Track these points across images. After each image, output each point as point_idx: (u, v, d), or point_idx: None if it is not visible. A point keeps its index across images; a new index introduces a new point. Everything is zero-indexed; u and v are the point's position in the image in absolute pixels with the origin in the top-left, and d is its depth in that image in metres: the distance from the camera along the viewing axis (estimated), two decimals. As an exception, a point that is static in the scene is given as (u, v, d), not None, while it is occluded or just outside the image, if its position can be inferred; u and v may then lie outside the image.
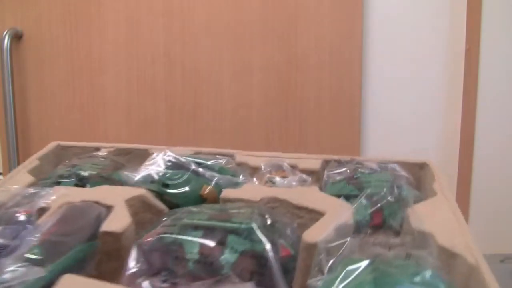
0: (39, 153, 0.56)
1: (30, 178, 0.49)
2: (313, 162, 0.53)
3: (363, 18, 0.94)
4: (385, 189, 0.43)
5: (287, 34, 0.97)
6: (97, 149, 0.58)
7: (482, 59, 0.91)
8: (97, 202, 0.40)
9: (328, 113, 0.97)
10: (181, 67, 1.03)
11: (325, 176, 0.50)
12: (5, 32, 1.06)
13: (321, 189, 0.47)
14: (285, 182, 0.42)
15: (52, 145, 0.58)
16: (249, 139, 1.01)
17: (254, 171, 0.52)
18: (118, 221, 0.36)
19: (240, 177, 0.48)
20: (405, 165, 0.51)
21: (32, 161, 0.53)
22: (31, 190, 0.43)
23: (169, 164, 0.46)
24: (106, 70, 1.06)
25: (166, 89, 1.04)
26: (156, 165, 0.46)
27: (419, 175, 0.53)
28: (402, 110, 0.97)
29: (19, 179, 0.48)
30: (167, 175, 0.45)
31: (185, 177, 0.44)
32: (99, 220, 0.36)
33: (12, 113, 1.07)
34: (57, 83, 1.09)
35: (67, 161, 0.54)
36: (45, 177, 0.50)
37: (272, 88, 0.99)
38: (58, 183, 0.48)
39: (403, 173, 0.49)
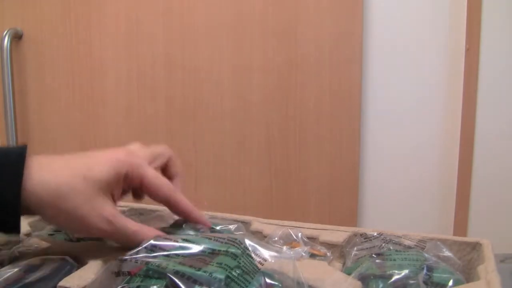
0: None
1: (26, 229, 0.48)
2: (338, 234, 0.47)
3: (363, 18, 0.94)
4: (407, 271, 0.37)
5: (287, 34, 0.97)
6: None
7: (482, 59, 0.91)
8: (75, 257, 0.38)
9: (328, 113, 0.97)
10: (181, 67, 1.03)
11: (348, 251, 0.44)
12: (5, 32, 1.06)
13: (343, 265, 0.43)
14: (292, 252, 0.36)
15: None
16: (249, 139, 1.01)
17: (268, 241, 0.46)
18: (78, 278, 0.34)
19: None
20: (454, 243, 0.46)
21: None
22: (10, 238, 0.43)
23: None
24: (106, 70, 1.06)
25: (166, 89, 1.04)
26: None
27: (471, 256, 0.46)
28: (402, 110, 0.97)
29: None
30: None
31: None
32: (64, 274, 0.35)
33: (12, 113, 1.07)
34: (57, 83, 1.09)
35: None
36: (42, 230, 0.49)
37: (272, 88, 0.99)
38: (51, 236, 0.47)
39: (448, 253, 0.43)
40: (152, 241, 0.33)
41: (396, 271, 0.37)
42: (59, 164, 0.37)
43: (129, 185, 0.40)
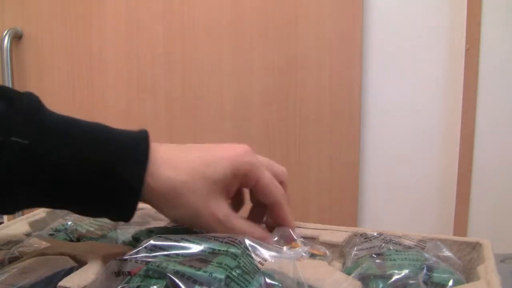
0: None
1: (26, 228, 0.48)
2: (338, 234, 0.47)
3: (363, 18, 0.94)
4: (407, 271, 0.37)
5: (287, 34, 0.97)
6: None
7: (482, 59, 0.91)
8: (74, 257, 0.38)
9: (328, 113, 0.97)
10: (181, 67, 1.03)
11: (348, 251, 0.44)
12: (5, 32, 1.06)
13: (343, 265, 0.43)
14: (292, 252, 0.37)
15: None
16: (249, 139, 1.01)
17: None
18: (78, 278, 0.33)
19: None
20: (454, 243, 0.46)
21: (38, 213, 0.52)
22: (10, 238, 0.43)
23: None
24: (106, 70, 1.06)
25: (166, 89, 1.04)
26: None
27: (471, 256, 0.46)
28: (402, 110, 0.97)
29: (15, 228, 0.47)
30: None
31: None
32: (64, 274, 0.34)
33: (12, 113, 1.07)
34: (57, 83, 1.09)
35: (68, 216, 0.53)
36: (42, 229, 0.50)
37: (272, 88, 0.99)
38: (51, 236, 0.47)
39: (448, 253, 0.43)
40: (152, 241, 0.33)
41: (396, 271, 0.37)
42: (178, 158, 0.38)
43: (244, 184, 0.41)
